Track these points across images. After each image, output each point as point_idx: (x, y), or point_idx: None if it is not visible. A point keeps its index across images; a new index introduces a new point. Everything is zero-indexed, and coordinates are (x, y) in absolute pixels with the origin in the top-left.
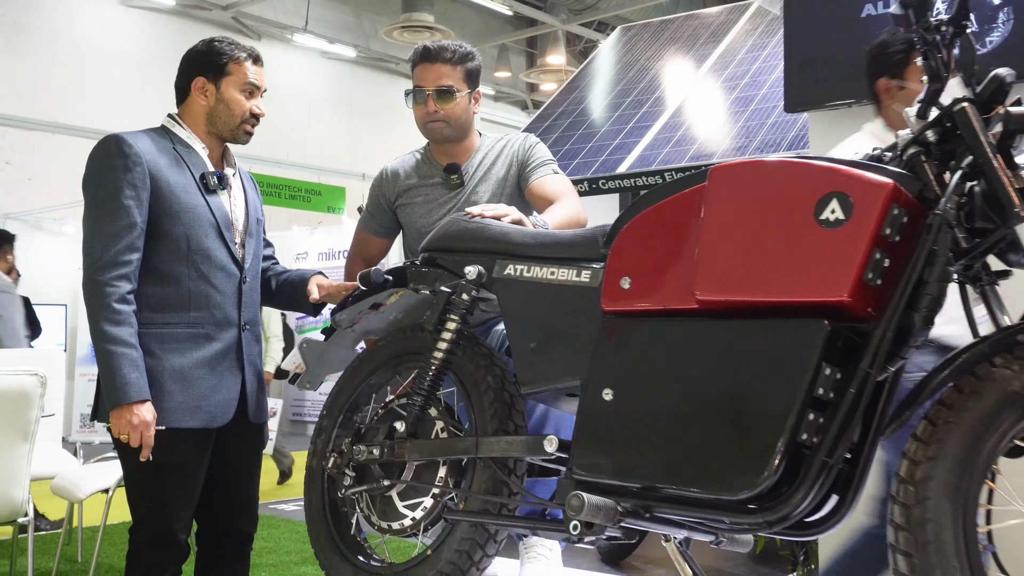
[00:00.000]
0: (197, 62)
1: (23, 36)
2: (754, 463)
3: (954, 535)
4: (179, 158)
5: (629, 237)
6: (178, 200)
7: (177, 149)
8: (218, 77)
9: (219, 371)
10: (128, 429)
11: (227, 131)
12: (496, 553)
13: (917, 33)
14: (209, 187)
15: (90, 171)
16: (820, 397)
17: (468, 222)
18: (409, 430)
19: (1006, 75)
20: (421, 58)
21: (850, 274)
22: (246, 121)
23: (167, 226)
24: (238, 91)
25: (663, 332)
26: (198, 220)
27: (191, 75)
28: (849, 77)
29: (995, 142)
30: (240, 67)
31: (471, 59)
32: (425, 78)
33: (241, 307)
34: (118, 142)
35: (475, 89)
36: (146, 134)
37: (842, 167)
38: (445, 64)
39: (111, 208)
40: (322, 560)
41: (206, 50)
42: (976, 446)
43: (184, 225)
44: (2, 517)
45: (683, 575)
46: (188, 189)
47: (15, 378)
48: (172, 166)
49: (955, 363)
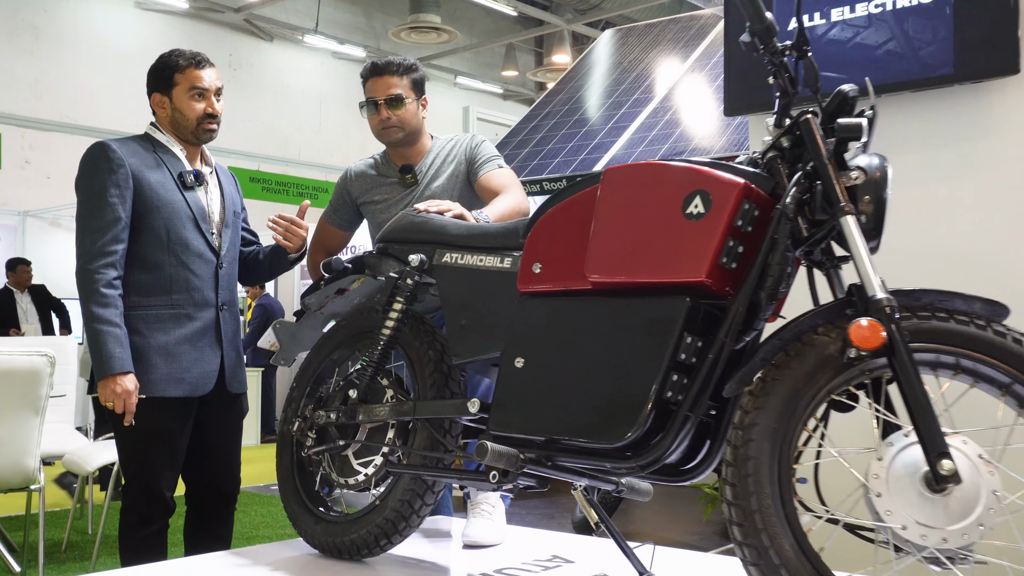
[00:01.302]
0: (151, 80)
1: (42, 39)
2: (628, 416)
3: (770, 469)
4: (159, 160)
5: (540, 229)
6: (158, 196)
7: (157, 151)
8: (168, 89)
9: (200, 347)
10: (112, 397)
11: (189, 134)
12: (434, 503)
13: (765, 57)
14: (186, 184)
15: (81, 174)
16: (683, 362)
17: (415, 217)
18: (360, 397)
19: (849, 90)
20: (371, 73)
21: (707, 259)
22: (202, 122)
23: (149, 220)
24: (188, 97)
25: (563, 309)
26: (176, 214)
27: (150, 92)
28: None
29: (831, 148)
30: (184, 75)
31: (415, 70)
32: (376, 90)
33: (218, 289)
34: (104, 148)
35: (422, 96)
36: (130, 140)
37: (705, 169)
38: (393, 76)
39: (98, 206)
40: (290, 512)
41: (154, 67)
42: (795, 399)
43: (164, 219)
44: (17, 484)
45: (590, 519)
46: (167, 186)
47: (27, 358)
48: (152, 167)
49: (786, 332)
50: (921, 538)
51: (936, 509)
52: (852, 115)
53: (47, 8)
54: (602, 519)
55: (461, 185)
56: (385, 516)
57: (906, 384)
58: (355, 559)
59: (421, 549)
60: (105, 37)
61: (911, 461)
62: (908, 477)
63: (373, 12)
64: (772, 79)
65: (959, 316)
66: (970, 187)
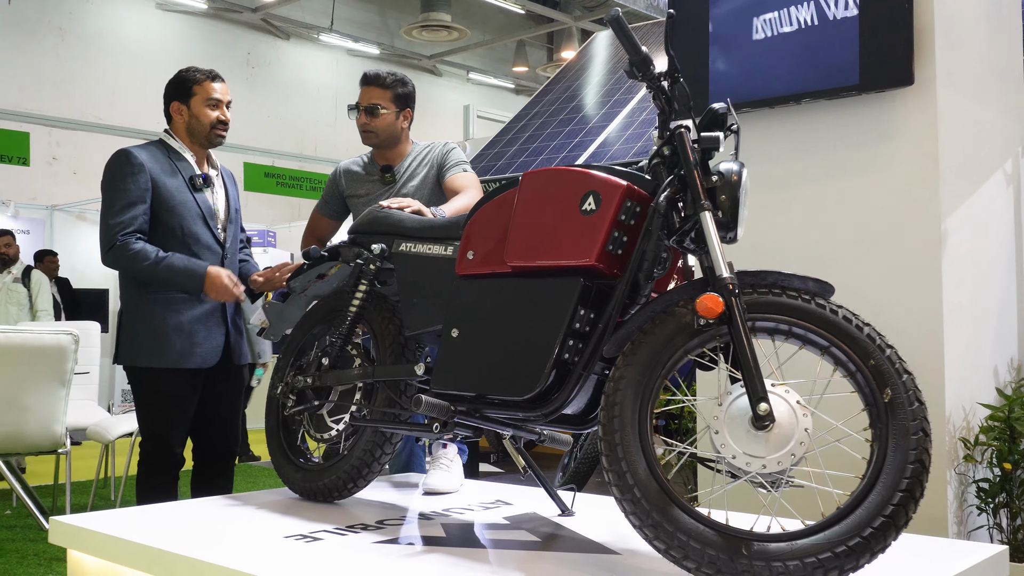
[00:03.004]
0: (171, 90)
1: (67, 41)
2: (533, 374)
3: (632, 412)
4: (173, 165)
5: (473, 223)
6: (172, 198)
7: (171, 157)
8: (187, 98)
9: (208, 325)
10: (223, 292)
11: (202, 138)
12: (392, 452)
13: (645, 82)
14: (196, 186)
15: (106, 177)
16: (578, 330)
17: (379, 212)
18: (331, 364)
19: (719, 108)
20: (362, 82)
21: (596, 246)
22: (215, 128)
23: (165, 218)
24: (204, 106)
25: (488, 288)
26: (189, 213)
27: (168, 101)
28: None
29: (698, 156)
30: (202, 87)
31: (401, 85)
32: (361, 97)
33: None
34: (127, 155)
35: (404, 109)
36: (147, 147)
37: (597, 174)
38: (378, 88)
39: (121, 200)
40: (275, 462)
41: (175, 79)
42: (656, 357)
43: (178, 217)
44: (46, 447)
45: (518, 464)
46: (180, 189)
47: (54, 336)
48: (167, 172)
49: (655, 304)
50: (746, 465)
51: (758, 443)
52: (724, 128)
53: (72, 10)
54: (529, 465)
55: (431, 185)
56: (352, 464)
57: (737, 346)
58: (328, 501)
59: (389, 495)
60: (127, 38)
61: (741, 406)
62: (739, 418)
63: (387, 10)
64: (652, 100)
65: (791, 292)
66: (873, 184)
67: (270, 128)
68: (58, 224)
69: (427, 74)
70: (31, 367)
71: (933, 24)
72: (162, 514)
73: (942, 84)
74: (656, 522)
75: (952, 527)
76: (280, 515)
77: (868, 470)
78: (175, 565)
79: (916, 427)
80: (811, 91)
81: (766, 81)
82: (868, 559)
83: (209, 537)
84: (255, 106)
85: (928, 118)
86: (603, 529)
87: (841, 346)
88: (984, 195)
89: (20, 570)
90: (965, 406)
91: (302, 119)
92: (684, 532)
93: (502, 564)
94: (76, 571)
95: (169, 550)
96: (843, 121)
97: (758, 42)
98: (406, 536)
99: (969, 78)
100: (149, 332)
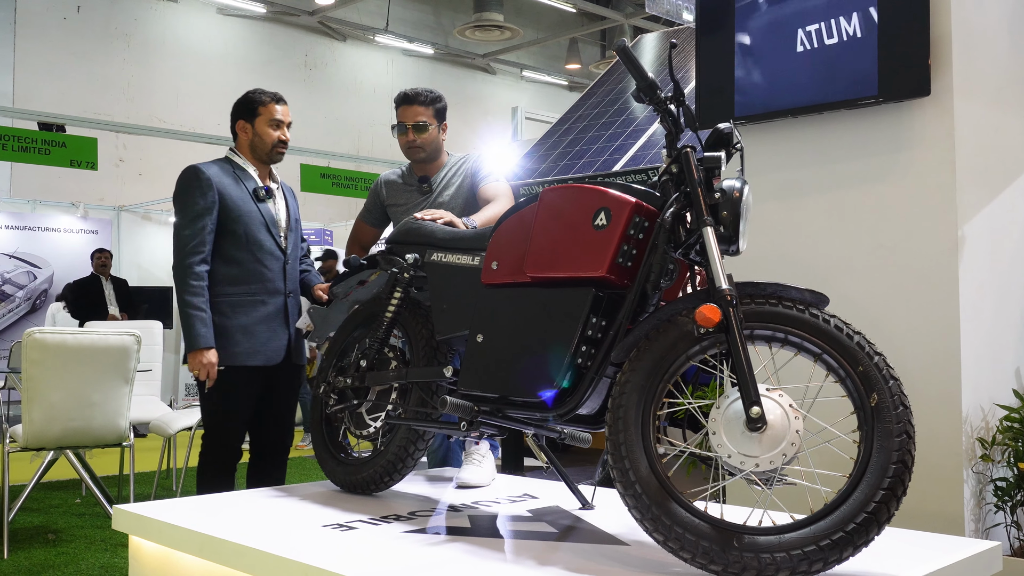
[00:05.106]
0: (237, 109)
1: (133, 47)
2: (551, 377)
3: (636, 413)
4: (238, 178)
5: (498, 235)
6: (238, 208)
7: (236, 172)
8: (252, 118)
9: (272, 326)
10: (199, 367)
11: (264, 155)
12: (425, 448)
13: (652, 106)
14: (259, 198)
15: (177, 191)
16: (591, 336)
17: (413, 223)
18: (369, 365)
19: (724, 128)
20: (402, 101)
21: (607, 259)
22: (276, 146)
23: (232, 226)
24: (267, 126)
25: (510, 296)
26: (253, 221)
27: (235, 119)
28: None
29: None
30: (266, 108)
31: (439, 101)
32: (406, 116)
33: (286, 281)
34: (196, 171)
35: (443, 122)
36: (214, 163)
37: (609, 191)
38: (420, 105)
39: (191, 216)
40: (318, 455)
41: (243, 100)
42: (660, 363)
43: (244, 225)
44: (111, 440)
45: (540, 460)
46: (245, 200)
47: (118, 337)
48: (233, 185)
49: (661, 313)
50: (741, 464)
51: (752, 443)
52: (730, 147)
53: (137, 16)
54: (551, 461)
55: (465, 195)
56: (387, 459)
57: (733, 354)
58: (367, 493)
59: (424, 488)
60: (190, 43)
61: (737, 409)
62: (734, 421)
63: (441, 10)
64: (660, 122)
65: (787, 302)
66: (891, 191)
67: (328, 128)
68: (124, 224)
69: (481, 72)
70: (97, 366)
71: (950, 35)
72: (213, 504)
73: (959, 94)
74: (655, 516)
75: (969, 524)
76: (320, 506)
77: (854, 469)
78: (221, 549)
79: (900, 430)
80: (832, 102)
81: (790, 92)
82: (851, 552)
83: (253, 525)
84: (313, 107)
85: (945, 127)
86: (617, 522)
87: (832, 353)
88: (1005, 200)
89: (88, 554)
90: (983, 406)
91: (358, 119)
92: (680, 525)
93: (517, 553)
94: (136, 556)
95: (216, 536)
96: (863, 131)
97: (783, 55)
98: (433, 526)
99: (989, 87)
100: (217, 331)
